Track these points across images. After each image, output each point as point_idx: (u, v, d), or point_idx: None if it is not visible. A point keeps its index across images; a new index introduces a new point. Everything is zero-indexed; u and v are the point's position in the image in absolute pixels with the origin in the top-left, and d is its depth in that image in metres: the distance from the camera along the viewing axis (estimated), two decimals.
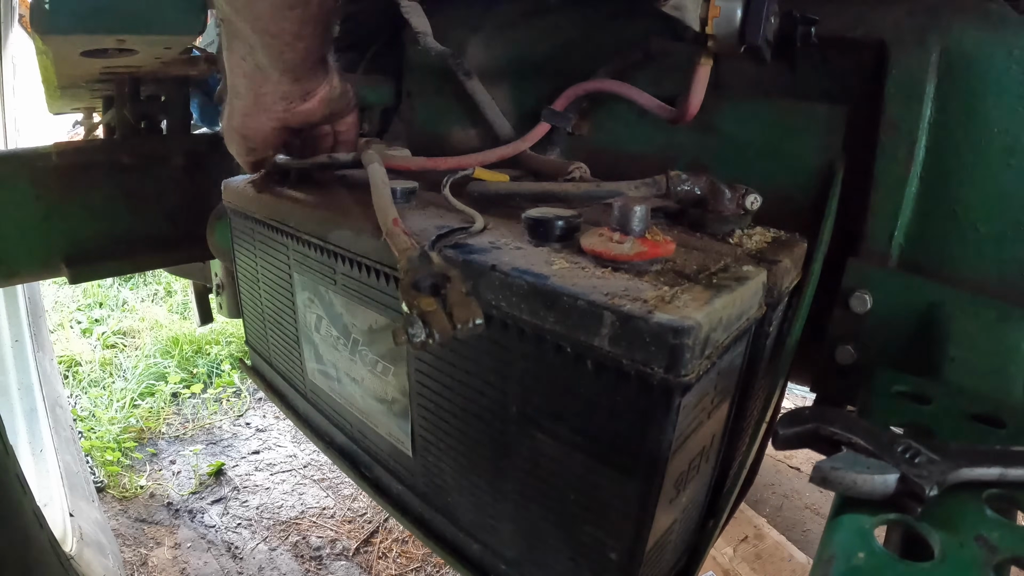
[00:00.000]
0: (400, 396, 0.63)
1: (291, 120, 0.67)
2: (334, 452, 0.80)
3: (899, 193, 0.57)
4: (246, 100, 0.64)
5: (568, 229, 0.52)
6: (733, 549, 1.45)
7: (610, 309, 0.40)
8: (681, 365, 0.38)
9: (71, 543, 1.26)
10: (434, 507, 0.65)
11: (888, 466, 0.33)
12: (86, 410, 2.13)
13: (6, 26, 1.66)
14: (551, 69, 0.83)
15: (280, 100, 0.64)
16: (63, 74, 0.95)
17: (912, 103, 0.55)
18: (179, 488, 1.84)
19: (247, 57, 0.59)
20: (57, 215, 1.09)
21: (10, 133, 1.81)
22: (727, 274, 0.46)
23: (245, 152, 0.72)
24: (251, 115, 0.66)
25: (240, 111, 0.66)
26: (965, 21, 0.53)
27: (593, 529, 0.48)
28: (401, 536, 1.67)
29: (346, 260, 0.63)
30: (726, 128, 0.68)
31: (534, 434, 0.49)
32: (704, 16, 0.54)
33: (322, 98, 0.66)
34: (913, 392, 0.44)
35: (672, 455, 0.43)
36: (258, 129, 0.67)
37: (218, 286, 1.34)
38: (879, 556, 0.29)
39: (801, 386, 0.85)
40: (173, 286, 3.15)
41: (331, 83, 0.67)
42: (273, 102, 0.64)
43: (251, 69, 0.60)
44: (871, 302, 0.57)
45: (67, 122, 2.47)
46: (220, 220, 1.03)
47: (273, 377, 0.93)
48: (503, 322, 0.48)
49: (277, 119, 0.66)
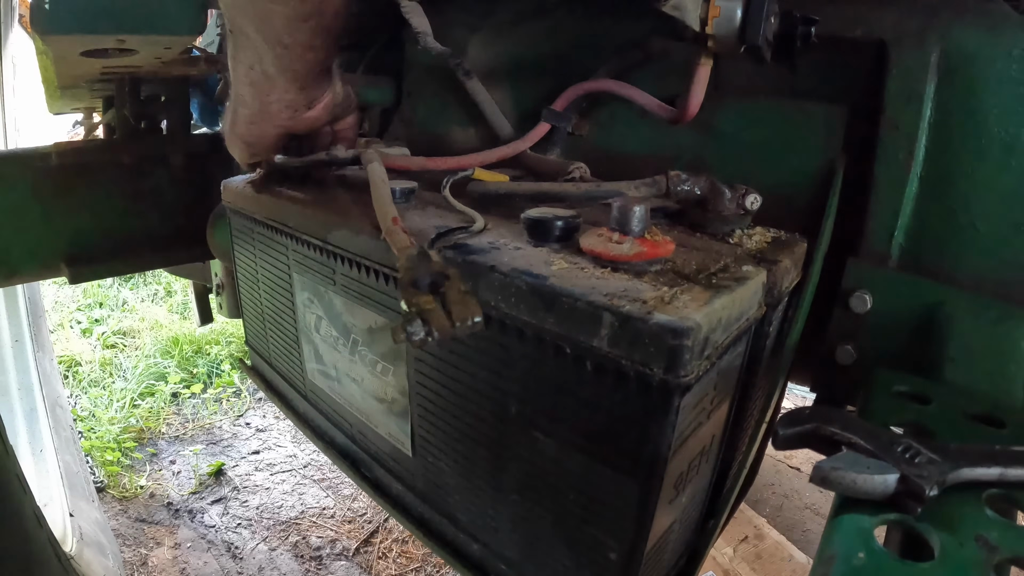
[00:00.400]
0: (400, 396, 0.63)
1: (295, 127, 0.67)
2: (334, 452, 0.80)
3: (899, 193, 0.56)
4: (252, 108, 0.64)
5: (567, 229, 0.52)
6: (733, 549, 1.45)
7: (609, 310, 0.40)
8: (680, 366, 0.38)
9: (71, 543, 1.26)
10: (434, 507, 0.65)
11: (888, 466, 0.33)
12: (86, 410, 2.12)
13: (6, 26, 1.66)
14: (551, 69, 0.83)
15: (286, 109, 0.64)
16: (63, 74, 0.95)
17: (912, 103, 0.55)
18: (179, 488, 1.83)
19: (255, 66, 0.59)
20: (57, 215, 1.09)
21: (10, 133, 1.81)
22: (727, 274, 0.46)
23: (248, 156, 0.73)
24: (256, 123, 0.66)
25: (245, 119, 0.66)
26: (965, 21, 0.53)
27: (593, 529, 0.48)
28: (401, 536, 1.67)
29: (346, 260, 0.63)
30: (726, 128, 0.68)
31: (533, 434, 0.49)
32: (704, 16, 0.54)
33: (326, 105, 0.67)
34: (913, 392, 0.44)
35: (672, 455, 0.43)
36: (262, 136, 0.68)
37: (218, 286, 1.34)
38: (879, 556, 0.29)
39: (801, 386, 0.85)
40: (173, 286, 3.14)
41: (335, 90, 0.67)
42: (279, 111, 0.64)
43: (258, 78, 0.60)
44: (871, 302, 0.57)
45: (67, 122, 2.47)
46: (220, 220, 1.03)
47: (273, 377, 0.93)
48: (502, 323, 0.48)
49: (282, 126, 0.67)
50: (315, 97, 0.65)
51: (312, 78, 0.62)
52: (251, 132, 0.68)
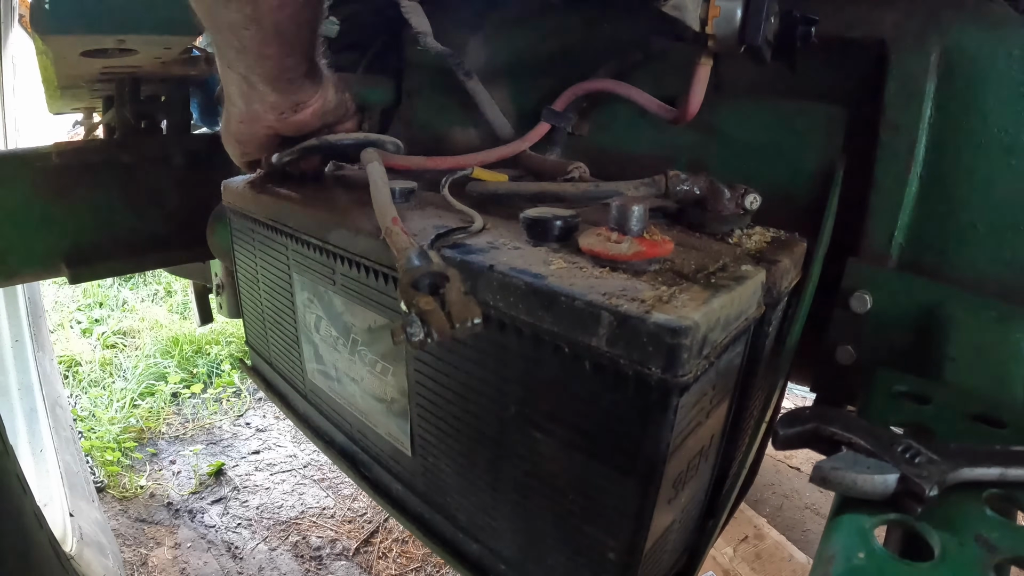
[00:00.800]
0: (399, 396, 0.63)
1: (284, 130, 0.67)
2: (334, 452, 0.80)
3: (899, 193, 0.56)
4: (239, 108, 0.65)
5: (566, 229, 0.52)
6: (733, 549, 1.45)
7: (608, 309, 0.40)
8: (679, 365, 0.38)
9: (71, 543, 1.25)
10: (433, 507, 0.65)
11: (888, 466, 0.32)
12: (86, 410, 2.12)
13: (6, 26, 1.66)
14: (551, 69, 0.83)
15: (271, 110, 0.64)
16: (63, 74, 0.95)
17: (912, 103, 0.55)
18: (179, 488, 1.83)
19: (232, 67, 0.60)
20: (57, 215, 1.09)
21: (10, 133, 1.81)
22: (725, 274, 0.46)
23: (240, 155, 0.73)
24: (245, 122, 0.67)
25: (235, 118, 0.67)
26: (965, 21, 0.53)
27: (592, 529, 0.48)
28: (401, 536, 1.67)
29: (345, 260, 0.63)
30: (726, 128, 0.68)
31: (532, 434, 0.49)
32: (704, 16, 0.54)
33: (315, 111, 0.66)
34: (913, 392, 0.44)
35: (670, 455, 0.43)
36: (252, 135, 0.68)
37: (218, 286, 1.34)
38: (879, 556, 0.29)
39: (801, 386, 0.85)
40: (173, 286, 3.15)
41: (325, 96, 0.66)
42: (264, 111, 0.64)
43: (238, 79, 0.61)
44: (871, 302, 0.57)
45: (67, 122, 2.47)
46: (220, 220, 1.03)
47: (273, 377, 0.93)
48: (501, 322, 0.48)
49: (270, 127, 0.67)
50: (301, 101, 0.64)
51: (286, 83, 0.62)
52: (241, 131, 0.68)
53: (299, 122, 0.66)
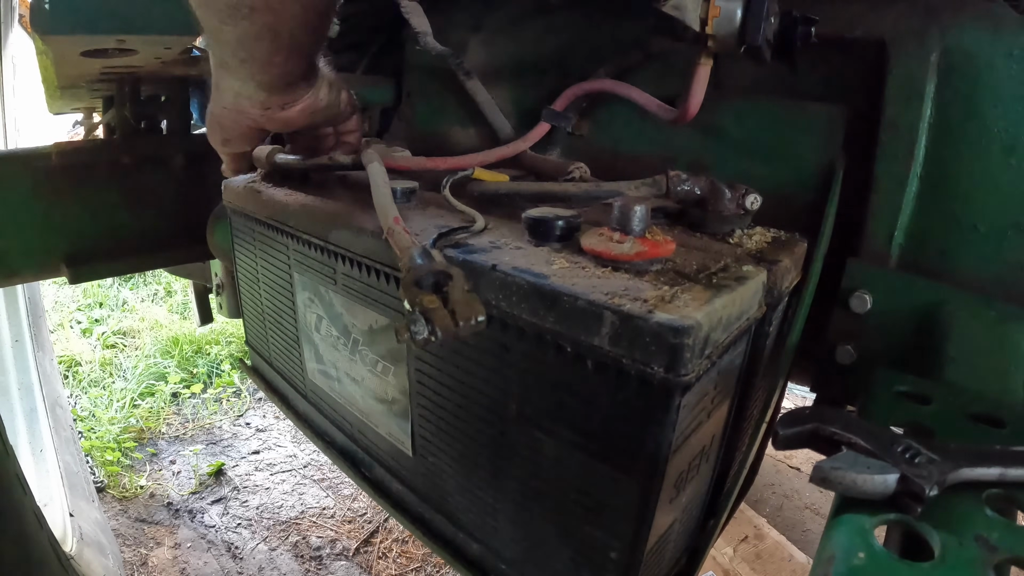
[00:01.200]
0: (400, 396, 0.63)
1: (268, 125, 0.66)
2: (334, 452, 0.80)
3: (899, 193, 0.57)
4: (227, 100, 0.63)
5: (568, 229, 0.52)
6: (733, 549, 1.45)
7: (610, 309, 0.40)
8: (681, 365, 0.38)
9: (71, 543, 1.25)
10: (434, 507, 0.65)
11: (888, 466, 0.33)
12: (86, 410, 2.12)
13: (6, 26, 1.66)
14: (551, 69, 0.83)
15: (257, 106, 0.63)
16: (63, 74, 0.95)
17: (912, 103, 0.55)
18: (179, 488, 1.83)
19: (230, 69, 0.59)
20: (57, 215, 1.09)
21: (10, 133, 1.81)
22: (727, 274, 0.46)
23: (221, 142, 0.71)
24: (229, 109, 0.65)
25: (220, 103, 0.65)
26: (965, 21, 0.53)
27: (593, 529, 0.48)
28: (401, 536, 1.67)
29: (346, 260, 0.63)
30: (726, 128, 0.68)
31: (534, 434, 0.49)
32: (704, 16, 0.54)
33: (303, 109, 0.64)
34: (913, 392, 0.44)
35: (672, 455, 0.43)
36: (235, 124, 0.66)
37: (218, 286, 1.34)
38: (879, 556, 0.29)
39: (801, 386, 0.85)
40: (173, 286, 3.14)
41: (317, 95, 0.65)
42: (251, 106, 0.63)
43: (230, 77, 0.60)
44: (871, 302, 0.57)
45: (67, 122, 2.47)
46: (220, 220, 1.03)
47: (273, 377, 0.93)
48: (503, 322, 0.48)
49: (254, 121, 0.65)
50: (289, 100, 0.63)
51: (279, 86, 0.61)
52: (225, 117, 0.66)
53: (285, 118, 0.65)
